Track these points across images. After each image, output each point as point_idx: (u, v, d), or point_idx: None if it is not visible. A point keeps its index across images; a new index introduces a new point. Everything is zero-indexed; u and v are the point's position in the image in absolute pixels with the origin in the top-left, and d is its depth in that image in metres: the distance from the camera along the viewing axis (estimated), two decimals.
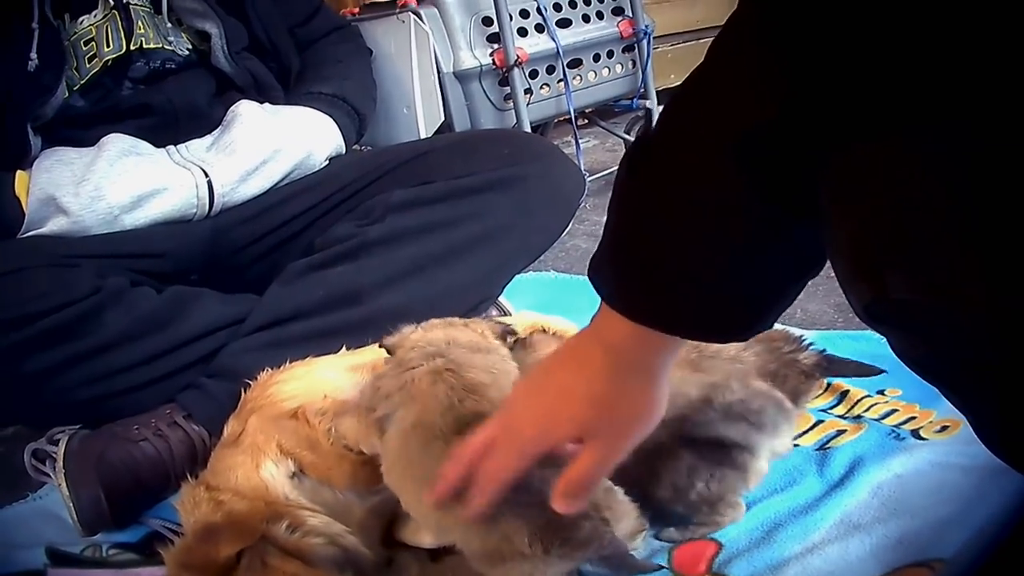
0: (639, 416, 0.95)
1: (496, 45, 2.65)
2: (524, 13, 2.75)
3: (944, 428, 1.41)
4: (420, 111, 2.48)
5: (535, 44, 2.74)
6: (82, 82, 1.82)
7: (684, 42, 4.18)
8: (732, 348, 1.38)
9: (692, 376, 1.26)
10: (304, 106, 1.99)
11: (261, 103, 1.94)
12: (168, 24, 1.92)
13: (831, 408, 1.55)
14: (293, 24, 2.13)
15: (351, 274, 1.66)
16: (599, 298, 0.89)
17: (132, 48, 1.85)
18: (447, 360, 1.15)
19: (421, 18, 2.49)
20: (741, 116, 0.73)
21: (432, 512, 1.05)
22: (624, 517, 1.07)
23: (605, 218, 0.87)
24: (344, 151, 2.03)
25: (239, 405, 1.39)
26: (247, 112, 1.88)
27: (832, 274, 0.72)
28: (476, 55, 2.63)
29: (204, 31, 1.94)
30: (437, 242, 1.71)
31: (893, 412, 1.49)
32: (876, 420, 1.47)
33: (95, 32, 1.82)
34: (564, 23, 2.87)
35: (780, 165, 0.72)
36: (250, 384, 1.41)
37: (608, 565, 1.03)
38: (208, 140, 1.87)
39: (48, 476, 1.51)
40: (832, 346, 1.41)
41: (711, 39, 0.79)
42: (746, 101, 0.73)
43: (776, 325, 1.04)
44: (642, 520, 1.16)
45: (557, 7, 2.86)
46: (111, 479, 1.43)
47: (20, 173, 1.67)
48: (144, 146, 1.80)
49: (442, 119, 2.53)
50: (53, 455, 1.47)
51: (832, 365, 1.42)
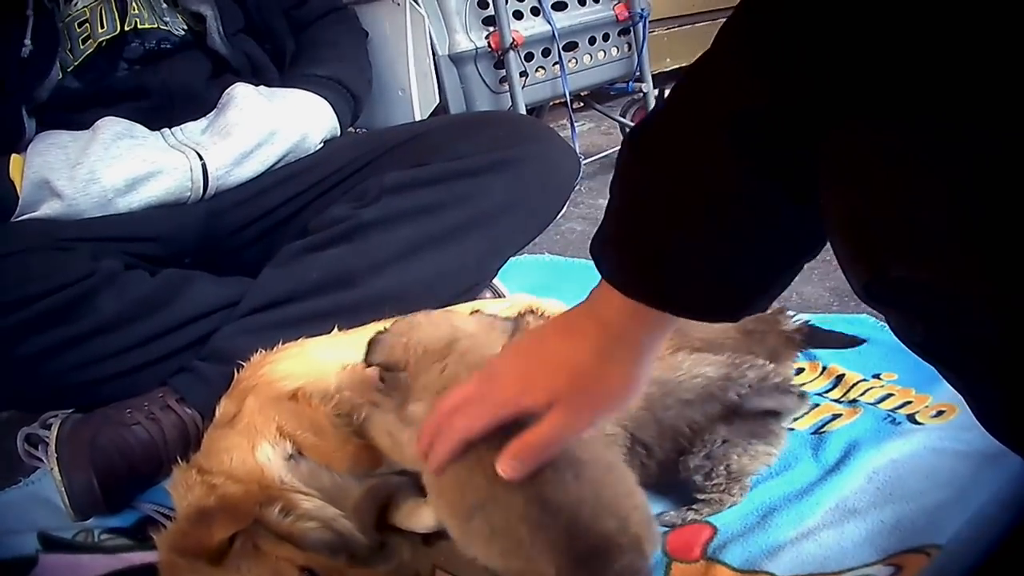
0: (614, 392, 0.96)
1: (492, 28, 2.65)
2: None
3: (940, 413, 1.41)
4: (415, 94, 2.47)
5: (531, 27, 2.73)
6: (76, 63, 1.82)
7: (680, 26, 4.17)
8: None
9: (698, 355, 1.31)
10: (299, 88, 1.98)
11: (256, 85, 1.93)
12: (163, 5, 1.91)
13: (827, 392, 1.55)
14: (288, 6, 2.12)
15: (345, 256, 1.66)
16: (593, 280, 0.90)
17: (127, 29, 1.85)
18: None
19: (417, 0, 2.47)
20: (736, 100, 0.73)
21: (460, 524, 1.04)
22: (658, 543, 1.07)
23: (601, 201, 0.87)
24: (339, 133, 2.02)
25: (231, 385, 1.39)
26: (242, 95, 1.87)
27: (828, 258, 0.72)
28: (471, 38, 2.62)
29: (199, 12, 1.93)
30: (432, 224, 1.70)
31: (889, 396, 1.49)
32: (872, 404, 1.47)
33: (89, 13, 1.82)
34: (560, 6, 2.87)
35: (775, 148, 0.72)
36: (243, 366, 1.40)
37: None
38: (203, 123, 1.87)
39: (41, 461, 1.51)
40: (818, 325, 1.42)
41: (707, 23, 0.80)
42: (741, 86, 0.73)
43: None
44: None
45: None
46: (103, 463, 1.42)
47: (14, 156, 1.67)
48: (139, 129, 1.79)
49: (437, 102, 2.52)
50: (46, 439, 1.47)
51: (815, 334, 1.42)
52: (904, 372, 1.54)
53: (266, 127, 1.85)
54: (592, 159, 3.21)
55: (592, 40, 2.96)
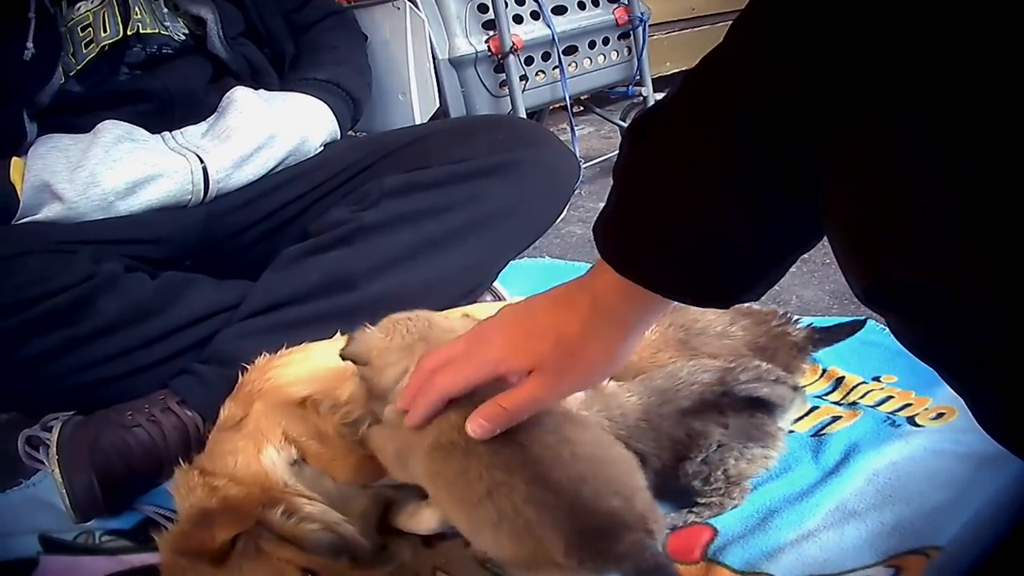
0: (594, 365, 0.97)
1: (492, 32, 2.65)
2: (520, 0, 2.74)
3: (940, 415, 1.41)
4: (415, 97, 2.48)
5: (530, 31, 2.74)
6: (78, 68, 1.82)
7: (680, 30, 4.18)
8: (719, 324, 1.41)
9: (697, 362, 1.32)
10: (299, 92, 1.99)
11: (256, 89, 1.94)
12: (165, 9, 1.92)
13: (826, 395, 1.55)
14: (288, 10, 2.13)
15: (346, 259, 1.66)
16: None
17: (129, 33, 1.85)
18: None
19: (417, 4, 2.48)
20: (739, 95, 0.74)
21: (468, 518, 1.04)
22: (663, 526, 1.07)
23: (600, 204, 0.88)
24: (339, 137, 2.03)
25: (236, 389, 1.38)
26: (242, 98, 1.87)
27: (827, 261, 0.72)
28: (471, 42, 2.63)
29: (200, 16, 1.94)
30: (432, 227, 1.71)
31: (889, 399, 1.49)
32: (872, 407, 1.47)
33: (92, 18, 1.82)
34: (560, 10, 2.87)
35: (776, 144, 0.73)
36: (246, 369, 1.40)
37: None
38: (203, 126, 1.87)
39: (42, 463, 1.51)
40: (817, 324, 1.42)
41: (707, 27, 0.81)
42: (745, 81, 0.74)
43: None
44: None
45: None
46: (104, 465, 1.43)
47: (15, 160, 1.67)
48: (139, 132, 1.79)
49: (437, 106, 2.53)
50: (47, 441, 1.47)
51: (822, 335, 1.43)
52: (904, 375, 1.54)
53: (266, 130, 1.85)
54: (592, 163, 3.22)
55: (592, 44, 2.97)
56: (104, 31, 1.83)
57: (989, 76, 0.58)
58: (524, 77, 2.73)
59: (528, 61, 2.75)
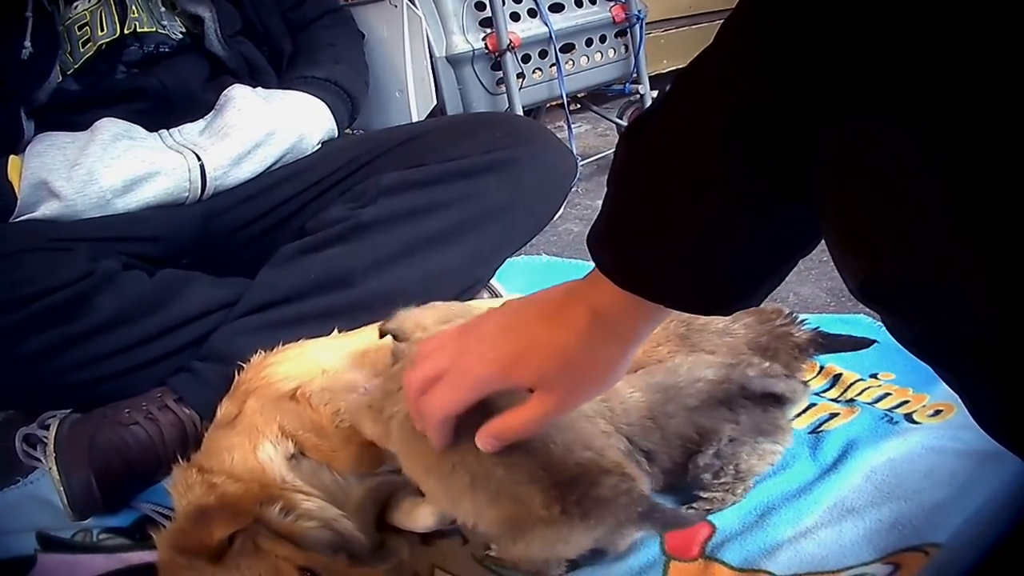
0: (600, 379, 0.96)
1: (489, 29, 2.65)
2: None
3: (937, 412, 1.41)
4: (412, 95, 2.48)
5: (528, 28, 2.73)
6: (76, 66, 1.82)
7: (677, 28, 4.18)
8: (721, 321, 1.40)
9: (696, 358, 1.32)
10: (297, 90, 1.99)
11: (254, 87, 1.94)
12: (162, 8, 1.92)
13: (824, 391, 1.55)
14: (285, 8, 2.13)
15: (343, 257, 1.66)
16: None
17: (126, 32, 1.86)
18: None
19: (414, 2, 2.48)
20: (732, 95, 0.73)
21: (445, 488, 1.05)
22: (643, 481, 1.07)
23: (597, 202, 0.88)
24: (336, 135, 2.03)
25: (232, 387, 1.39)
26: (240, 96, 1.87)
27: (824, 258, 0.72)
28: (468, 39, 2.62)
29: (197, 15, 1.94)
30: (429, 225, 1.71)
31: (886, 396, 1.49)
32: (869, 404, 1.48)
33: (89, 16, 1.82)
34: (557, 8, 2.87)
35: (770, 145, 0.72)
36: (243, 367, 1.40)
37: (652, 523, 1.02)
38: (201, 124, 1.87)
39: (39, 461, 1.51)
40: (824, 329, 1.42)
41: (704, 25, 0.80)
42: (737, 82, 0.73)
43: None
44: None
45: None
46: (102, 463, 1.43)
47: (13, 158, 1.67)
48: (137, 130, 1.80)
49: (434, 103, 2.52)
50: (44, 439, 1.47)
51: (827, 341, 1.42)
52: (901, 371, 1.54)
53: (264, 128, 1.85)
54: (589, 160, 3.22)
55: (589, 42, 2.97)
56: (101, 30, 1.83)
57: (983, 73, 0.58)
58: (521, 75, 2.73)
59: (525, 59, 2.75)
